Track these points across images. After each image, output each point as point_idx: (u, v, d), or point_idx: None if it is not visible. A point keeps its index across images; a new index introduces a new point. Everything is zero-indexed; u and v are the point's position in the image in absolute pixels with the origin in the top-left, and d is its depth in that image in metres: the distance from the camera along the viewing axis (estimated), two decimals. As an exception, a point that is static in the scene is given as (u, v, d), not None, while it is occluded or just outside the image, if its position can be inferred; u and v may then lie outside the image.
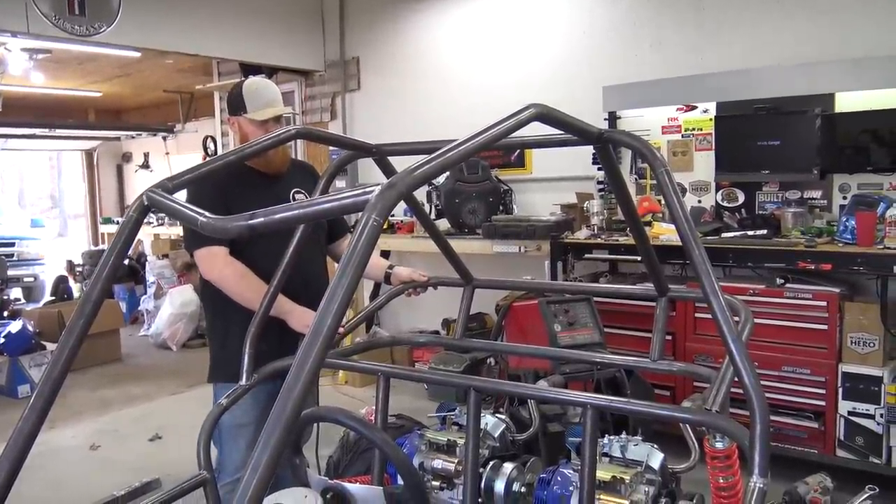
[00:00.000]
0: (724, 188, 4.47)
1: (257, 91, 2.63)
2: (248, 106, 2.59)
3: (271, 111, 2.60)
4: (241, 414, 2.49)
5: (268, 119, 2.59)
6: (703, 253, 1.64)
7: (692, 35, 4.63)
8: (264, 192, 2.55)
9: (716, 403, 1.69)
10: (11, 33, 4.99)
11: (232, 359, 2.52)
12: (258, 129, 2.58)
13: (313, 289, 2.48)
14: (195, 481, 1.99)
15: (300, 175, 2.78)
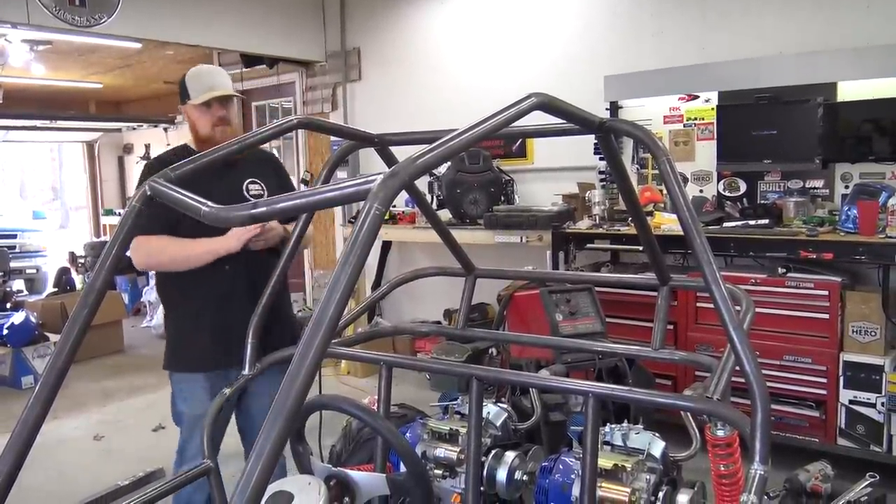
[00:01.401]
0: (726, 178, 4.46)
1: (199, 76, 2.61)
2: (190, 92, 2.57)
3: (209, 94, 2.54)
4: (199, 405, 2.56)
5: (211, 103, 2.55)
6: (704, 242, 1.64)
7: (694, 24, 4.61)
8: (215, 181, 2.48)
9: (717, 391, 1.70)
10: (12, 24, 4.98)
11: (183, 349, 2.68)
12: (203, 115, 2.56)
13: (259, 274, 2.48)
14: (199, 470, 2.01)
15: (257, 165, 2.73)
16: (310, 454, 1.44)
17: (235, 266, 2.55)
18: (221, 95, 2.56)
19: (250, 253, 2.52)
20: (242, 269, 2.56)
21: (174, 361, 2.69)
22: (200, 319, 2.61)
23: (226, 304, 2.59)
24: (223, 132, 2.54)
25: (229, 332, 2.51)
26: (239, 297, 2.55)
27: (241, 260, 2.52)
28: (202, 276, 2.53)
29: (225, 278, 2.57)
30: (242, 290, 2.55)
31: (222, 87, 2.59)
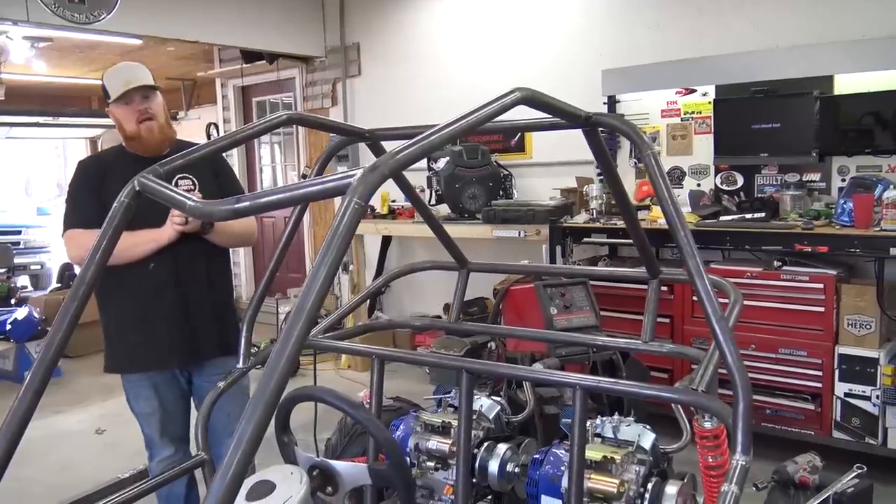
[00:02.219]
0: (724, 171, 4.47)
1: (114, 74, 2.55)
2: (109, 91, 2.51)
3: (124, 87, 2.46)
4: (145, 403, 2.64)
5: (131, 98, 2.47)
6: (688, 235, 1.66)
7: (691, 17, 4.61)
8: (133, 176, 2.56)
9: (702, 383, 1.72)
10: (12, 21, 5.00)
11: (115, 350, 2.65)
12: (125, 111, 2.49)
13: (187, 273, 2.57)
14: (194, 462, 2.04)
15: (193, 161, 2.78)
16: (294, 445, 1.46)
17: (160, 264, 2.52)
18: (140, 87, 2.47)
19: (176, 251, 2.50)
20: (168, 267, 2.53)
21: (109, 363, 2.68)
22: (124, 320, 2.59)
23: (152, 303, 2.56)
24: (148, 128, 2.49)
25: (154, 332, 2.54)
26: (165, 295, 2.54)
27: (166, 258, 2.50)
28: (127, 275, 2.49)
29: (149, 276, 2.53)
30: (168, 289, 2.54)
31: (138, 80, 2.50)
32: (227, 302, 2.81)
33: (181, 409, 2.74)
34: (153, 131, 2.50)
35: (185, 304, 2.58)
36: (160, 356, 2.59)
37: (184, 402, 2.75)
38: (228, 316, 2.76)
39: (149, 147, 2.52)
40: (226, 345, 2.64)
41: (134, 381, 2.64)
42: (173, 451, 2.73)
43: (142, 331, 2.56)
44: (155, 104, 2.52)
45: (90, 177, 2.57)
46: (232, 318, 2.78)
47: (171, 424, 2.70)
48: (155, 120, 2.51)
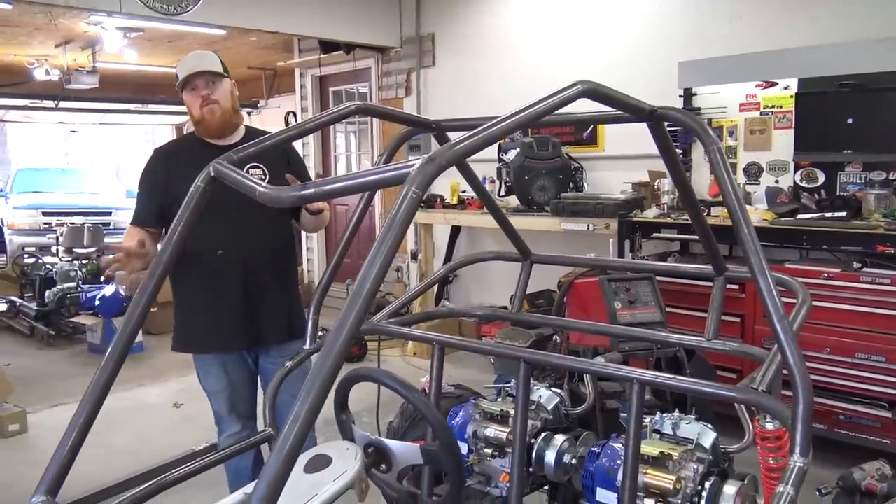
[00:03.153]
0: (804, 168, 4.32)
1: (183, 62, 2.62)
2: (179, 77, 2.59)
3: (185, 74, 2.54)
4: (214, 381, 2.74)
5: (195, 84, 2.55)
6: (751, 231, 1.63)
7: (773, 9, 4.46)
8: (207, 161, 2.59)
9: (763, 383, 1.69)
10: (107, 13, 5.27)
11: (183, 331, 2.74)
12: (190, 96, 2.58)
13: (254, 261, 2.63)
14: (261, 437, 2.13)
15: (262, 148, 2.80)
16: (352, 423, 1.52)
17: (228, 250, 2.59)
18: (202, 73, 2.54)
19: (244, 237, 2.58)
20: (235, 253, 2.59)
21: (176, 342, 2.77)
22: (193, 303, 2.68)
23: (218, 287, 2.62)
24: (211, 112, 2.56)
25: (219, 316, 2.61)
26: (231, 281, 2.60)
27: (234, 244, 2.58)
28: (196, 259, 2.54)
29: (217, 261, 2.59)
30: (235, 275, 2.60)
31: (200, 66, 2.56)
32: (292, 288, 2.86)
33: (248, 388, 2.84)
34: (215, 114, 2.56)
35: (249, 290, 2.64)
36: (223, 339, 2.68)
37: (251, 381, 2.85)
38: (294, 302, 2.82)
39: (211, 130, 2.60)
40: (290, 329, 2.73)
41: (204, 360, 2.75)
42: (240, 427, 2.84)
43: (207, 313, 2.65)
44: (219, 90, 2.58)
45: (155, 169, 2.68)
46: (297, 304, 2.84)
47: (239, 402, 2.81)
48: (218, 104, 2.56)
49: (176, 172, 2.59)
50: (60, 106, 9.51)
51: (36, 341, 6.69)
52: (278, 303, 2.73)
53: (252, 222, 2.56)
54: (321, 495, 1.15)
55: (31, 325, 6.78)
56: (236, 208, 2.43)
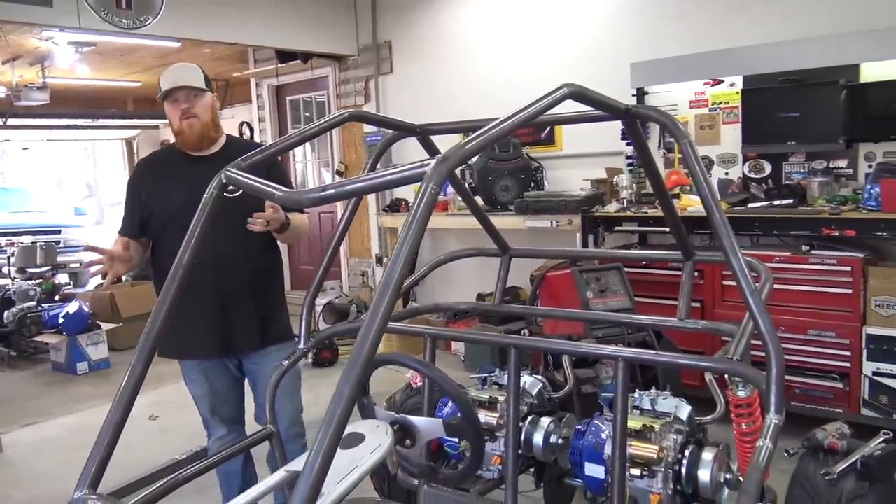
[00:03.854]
0: (751, 160, 4.57)
1: (166, 74, 2.63)
2: (162, 88, 2.61)
3: (167, 86, 2.57)
4: (197, 386, 2.82)
5: (174, 96, 2.58)
6: (723, 216, 1.79)
7: (718, 9, 4.72)
8: (185, 173, 2.64)
9: (737, 353, 1.86)
10: (66, 28, 5.24)
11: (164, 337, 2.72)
12: (171, 108, 2.61)
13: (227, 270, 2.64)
14: (262, 434, 2.22)
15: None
16: (373, 405, 1.63)
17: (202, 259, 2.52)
18: (184, 87, 2.57)
19: (219, 245, 2.43)
20: (207, 266, 2.49)
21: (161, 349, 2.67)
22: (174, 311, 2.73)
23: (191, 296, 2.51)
24: (190, 125, 2.60)
25: (194, 323, 2.62)
26: (203, 292, 2.59)
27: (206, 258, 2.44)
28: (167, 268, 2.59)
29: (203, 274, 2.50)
30: (207, 287, 2.60)
31: (182, 80, 2.59)
32: (268, 296, 2.84)
33: (232, 393, 2.89)
34: (193, 128, 2.60)
35: (222, 299, 2.67)
36: (198, 346, 2.73)
37: (235, 387, 2.89)
38: (271, 309, 2.82)
39: (189, 143, 2.64)
40: (264, 337, 2.77)
41: (185, 366, 2.81)
42: (226, 431, 2.89)
43: (184, 321, 2.54)
44: (199, 104, 2.61)
45: (136, 181, 2.75)
46: (275, 311, 2.85)
47: (221, 406, 2.85)
48: (197, 118, 2.60)
49: (153, 185, 2.68)
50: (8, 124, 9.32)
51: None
52: (252, 311, 2.74)
53: (226, 231, 2.44)
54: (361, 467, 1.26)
55: (-11, 346, 6.65)
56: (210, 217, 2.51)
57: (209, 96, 2.67)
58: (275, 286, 2.93)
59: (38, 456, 4.28)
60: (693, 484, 2.10)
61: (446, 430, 1.52)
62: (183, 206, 2.42)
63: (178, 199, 2.55)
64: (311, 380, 5.44)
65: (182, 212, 2.39)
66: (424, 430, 1.51)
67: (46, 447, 4.40)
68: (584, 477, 2.24)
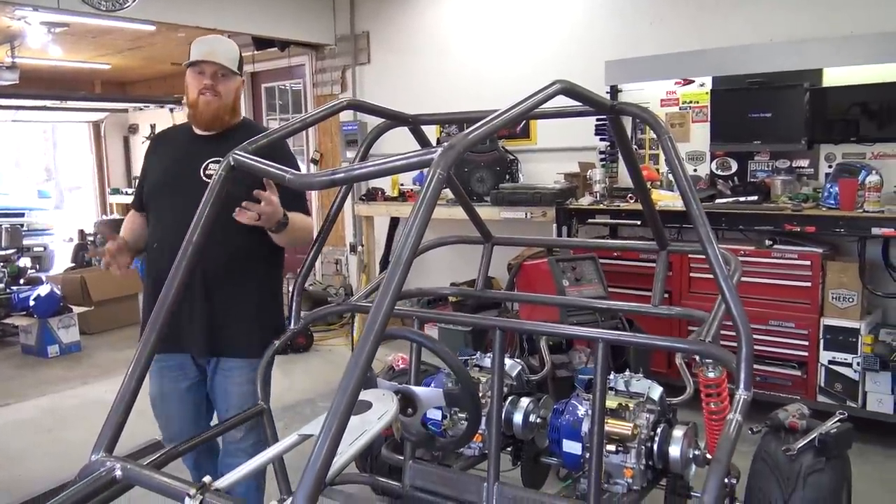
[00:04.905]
0: (719, 157, 4.74)
1: (201, 41, 2.48)
2: (191, 54, 2.45)
3: (198, 56, 2.41)
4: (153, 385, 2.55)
5: (201, 67, 2.41)
6: (700, 207, 1.93)
7: (691, 12, 4.87)
8: (183, 148, 2.53)
9: (709, 335, 2.00)
10: (42, 8, 5.19)
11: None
12: (193, 78, 2.44)
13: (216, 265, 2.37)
14: (253, 410, 2.29)
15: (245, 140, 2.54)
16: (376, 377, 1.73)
17: (162, 245, 2.41)
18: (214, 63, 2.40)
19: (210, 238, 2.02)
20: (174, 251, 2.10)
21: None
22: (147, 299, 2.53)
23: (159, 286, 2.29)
24: (206, 102, 2.41)
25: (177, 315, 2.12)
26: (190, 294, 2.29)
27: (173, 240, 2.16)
28: (151, 252, 2.51)
29: (155, 256, 2.46)
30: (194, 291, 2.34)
31: (214, 55, 2.41)
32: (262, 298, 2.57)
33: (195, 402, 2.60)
34: (210, 105, 2.42)
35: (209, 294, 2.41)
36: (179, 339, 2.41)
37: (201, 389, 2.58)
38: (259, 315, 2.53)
39: (200, 121, 2.47)
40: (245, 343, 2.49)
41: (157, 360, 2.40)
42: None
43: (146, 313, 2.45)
44: (225, 85, 2.44)
45: (147, 153, 2.69)
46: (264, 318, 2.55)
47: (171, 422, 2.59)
48: (218, 97, 2.42)
49: (155, 160, 2.60)
50: (-26, 103, 9.15)
51: (-37, 346, 6.50)
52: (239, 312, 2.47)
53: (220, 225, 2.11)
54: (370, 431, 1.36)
55: (-44, 329, 6.58)
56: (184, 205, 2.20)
57: (237, 80, 2.50)
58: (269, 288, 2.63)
59: (15, 436, 4.28)
60: (664, 459, 2.24)
61: (447, 399, 1.63)
62: (164, 179, 2.49)
63: (163, 172, 2.51)
64: (286, 365, 5.51)
65: (163, 185, 2.51)
66: (425, 399, 1.62)
67: (22, 427, 4.41)
68: (561, 453, 2.36)
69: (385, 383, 1.64)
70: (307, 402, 4.69)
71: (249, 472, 1.41)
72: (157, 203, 2.52)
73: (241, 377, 2.48)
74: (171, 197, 2.45)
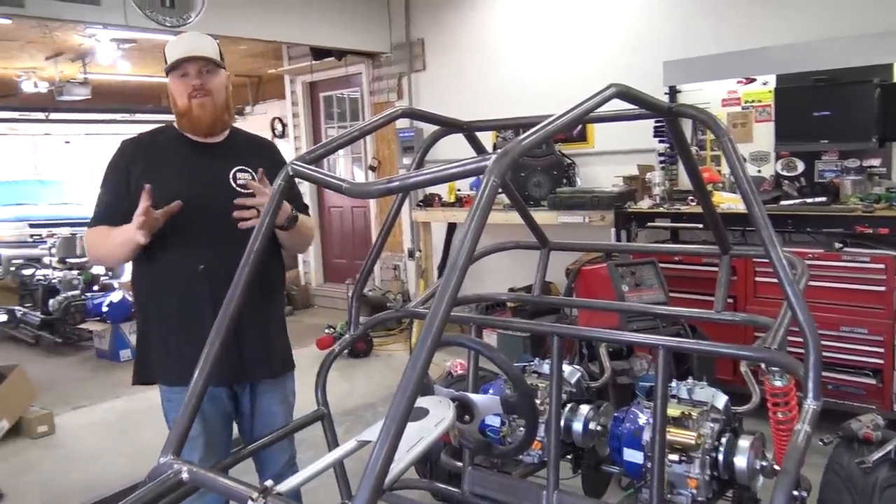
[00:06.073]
0: (784, 158, 4.60)
1: (176, 42, 2.27)
2: (167, 59, 2.22)
3: (179, 56, 2.19)
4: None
5: (184, 69, 2.19)
6: (762, 209, 1.87)
7: (751, 9, 4.76)
8: (190, 161, 2.29)
9: (775, 342, 1.93)
10: (113, 26, 5.42)
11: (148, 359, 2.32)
12: (179, 83, 2.21)
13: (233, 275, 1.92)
14: (314, 415, 2.33)
15: (251, 152, 2.39)
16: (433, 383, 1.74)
17: (212, 266, 2.21)
18: (198, 59, 2.19)
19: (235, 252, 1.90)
20: (222, 270, 2.08)
21: (145, 372, 2.35)
22: (166, 326, 2.27)
23: (194, 309, 2.22)
24: (201, 106, 2.20)
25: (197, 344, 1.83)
26: (212, 303, 2.12)
27: (220, 259, 2.17)
28: (170, 274, 2.25)
29: (195, 279, 2.23)
30: (218, 297, 1.94)
31: (198, 50, 2.21)
32: (280, 314, 2.52)
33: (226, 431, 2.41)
34: (205, 108, 2.20)
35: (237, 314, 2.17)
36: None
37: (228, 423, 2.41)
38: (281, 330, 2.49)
39: (198, 127, 2.25)
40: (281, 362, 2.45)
41: (170, 393, 2.32)
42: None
43: (187, 338, 2.19)
44: (214, 81, 2.23)
45: (126, 163, 2.27)
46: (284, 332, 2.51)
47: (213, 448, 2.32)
48: (210, 98, 2.21)
49: (146, 169, 2.22)
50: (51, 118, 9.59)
51: (42, 349, 6.80)
52: (267, 332, 2.39)
53: (238, 236, 2.10)
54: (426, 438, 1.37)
55: (35, 333, 6.88)
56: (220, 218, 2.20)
57: (224, 74, 2.29)
58: (282, 304, 2.60)
59: (89, 437, 4.45)
60: (729, 470, 2.17)
61: (504, 407, 1.62)
62: (190, 199, 2.20)
63: (184, 192, 2.20)
64: (347, 370, 5.59)
65: (191, 208, 2.19)
66: (483, 407, 1.62)
67: (96, 429, 4.58)
68: (622, 462, 2.32)
69: (442, 390, 1.64)
70: (368, 407, 4.74)
71: (310, 476, 1.43)
72: (184, 222, 2.20)
73: (275, 397, 2.44)
74: (204, 211, 2.22)
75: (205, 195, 2.23)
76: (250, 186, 2.19)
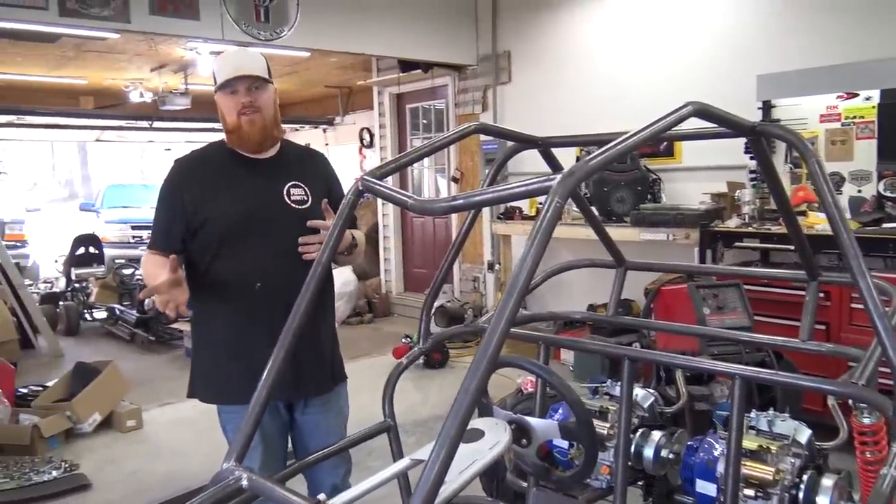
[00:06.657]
0: (888, 178, 4.33)
1: (224, 59, 2.30)
2: (217, 78, 2.24)
3: (229, 75, 2.20)
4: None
5: (233, 87, 2.21)
6: (851, 236, 1.76)
7: (853, 20, 4.52)
8: (244, 179, 2.30)
9: (862, 377, 1.81)
10: (212, 40, 5.68)
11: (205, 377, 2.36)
12: (228, 100, 2.23)
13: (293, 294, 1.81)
14: (380, 427, 2.34)
15: (302, 166, 2.42)
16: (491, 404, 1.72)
17: (269, 284, 2.24)
18: (247, 77, 2.20)
19: (290, 269, 2.14)
20: (278, 288, 2.18)
21: (199, 389, 2.39)
22: (221, 344, 2.31)
23: (251, 328, 2.25)
24: (251, 122, 2.21)
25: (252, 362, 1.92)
26: (269, 321, 2.11)
27: (276, 277, 2.23)
28: (226, 292, 2.27)
29: (252, 298, 2.25)
30: (274, 315, 2.00)
31: (246, 68, 2.21)
32: (333, 329, 2.51)
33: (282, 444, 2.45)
34: (255, 125, 2.23)
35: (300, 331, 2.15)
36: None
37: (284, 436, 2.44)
38: (335, 345, 2.50)
39: (247, 143, 2.27)
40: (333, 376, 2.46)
41: (230, 412, 2.34)
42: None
43: (241, 357, 2.24)
44: (263, 97, 2.24)
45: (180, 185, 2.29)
46: (337, 346, 2.52)
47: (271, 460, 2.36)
48: (259, 114, 2.23)
49: (202, 191, 2.26)
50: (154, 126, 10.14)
51: (136, 346, 7.16)
52: (321, 346, 2.40)
53: (293, 252, 2.22)
54: (480, 461, 1.35)
55: (130, 331, 7.25)
56: (276, 235, 2.25)
57: (272, 89, 2.30)
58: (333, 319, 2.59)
59: (175, 433, 4.64)
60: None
61: (562, 433, 1.59)
62: (246, 217, 2.24)
63: (239, 210, 2.24)
64: (422, 381, 5.62)
65: (245, 224, 2.24)
66: (540, 431, 1.58)
67: (181, 426, 4.77)
68: (694, 493, 2.23)
69: (500, 412, 1.61)
70: (439, 419, 4.73)
71: (364, 491, 1.43)
72: (239, 239, 2.25)
73: (330, 410, 2.45)
74: (260, 229, 2.26)
75: (260, 213, 2.27)
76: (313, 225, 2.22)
